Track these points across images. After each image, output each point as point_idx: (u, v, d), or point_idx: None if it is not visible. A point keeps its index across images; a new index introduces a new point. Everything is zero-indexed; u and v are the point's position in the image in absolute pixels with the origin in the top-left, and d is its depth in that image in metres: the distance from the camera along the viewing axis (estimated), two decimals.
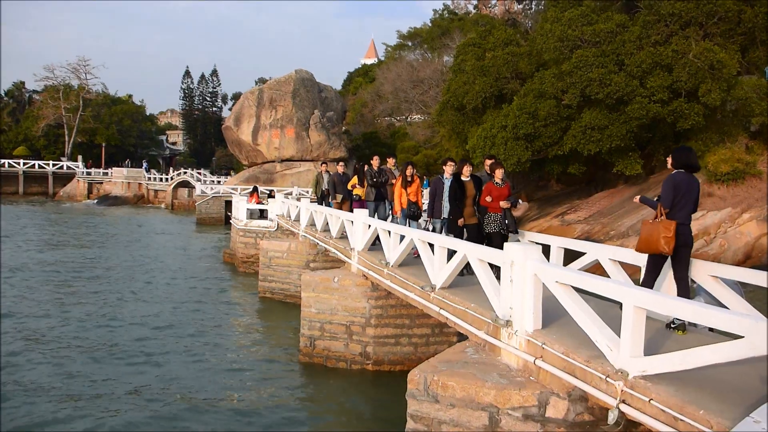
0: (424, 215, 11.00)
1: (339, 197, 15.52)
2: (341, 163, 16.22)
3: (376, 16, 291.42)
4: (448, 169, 9.93)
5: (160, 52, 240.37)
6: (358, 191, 14.06)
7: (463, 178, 9.65)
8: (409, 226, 11.02)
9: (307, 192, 40.84)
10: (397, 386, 8.48)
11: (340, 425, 9.11)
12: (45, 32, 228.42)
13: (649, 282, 6.12)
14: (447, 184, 9.82)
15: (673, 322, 5.89)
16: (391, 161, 13.56)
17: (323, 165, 18.40)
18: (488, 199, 9.05)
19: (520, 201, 9.38)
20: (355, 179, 14.37)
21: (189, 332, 13.72)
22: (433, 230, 9.91)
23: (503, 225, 9.00)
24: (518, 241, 9.02)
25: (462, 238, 8.82)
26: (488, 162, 9.79)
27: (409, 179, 11.46)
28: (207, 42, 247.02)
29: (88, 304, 16.04)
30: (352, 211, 13.12)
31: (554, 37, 26.55)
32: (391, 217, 12.91)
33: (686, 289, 5.99)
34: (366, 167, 13.79)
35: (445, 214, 9.79)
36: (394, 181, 12.62)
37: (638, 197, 6.76)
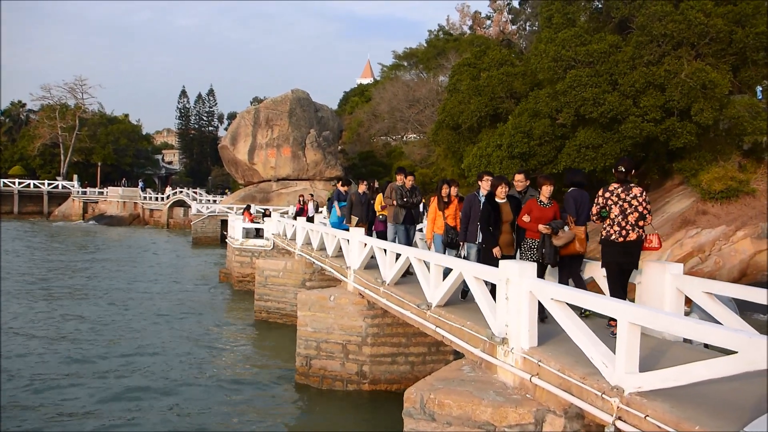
0: None
1: (354, 220, 13.01)
2: (363, 182, 13.82)
3: (376, 38, 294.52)
4: (485, 185, 8.43)
5: (160, 73, 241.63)
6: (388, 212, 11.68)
7: (497, 199, 7.81)
8: (447, 254, 9.33)
9: None
10: (393, 405, 8.46)
11: None
12: (45, 52, 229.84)
13: (565, 280, 7.40)
14: (483, 202, 8.26)
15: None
16: (401, 178, 11.52)
17: (338, 183, 16.29)
18: (525, 218, 7.40)
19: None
20: (380, 198, 12.30)
21: (184, 351, 13.66)
22: (467, 256, 8.51)
23: (539, 254, 7.29)
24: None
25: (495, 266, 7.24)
26: (519, 177, 8.41)
27: (446, 200, 9.76)
28: (207, 63, 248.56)
29: (80, 324, 15.96)
30: (371, 235, 12.14)
31: (548, 57, 26.80)
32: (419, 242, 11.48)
33: (583, 284, 7.39)
34: (393, 184, 11.63)
35: (480, 238, 8.17)
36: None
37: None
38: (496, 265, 6.96)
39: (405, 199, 11.09)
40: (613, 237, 6.50)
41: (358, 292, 11.02)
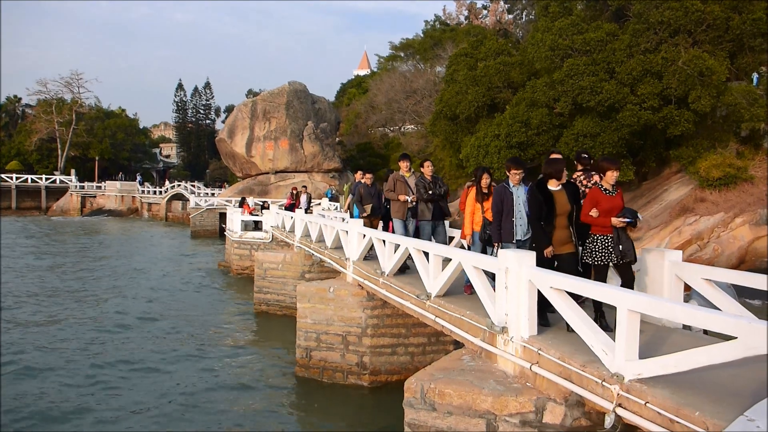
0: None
1: (368, 208, 12.12)
2: (368, 174, 12.62)
3: (373, 31, 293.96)
4: (514, 178, 7.08)
5: (157, 67, 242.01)
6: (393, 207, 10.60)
7: (551, 187, 6.53)
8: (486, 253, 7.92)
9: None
10: (394, 396, 8.48)
11: None
12: (42, 49, 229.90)
13: None
14: (516, 193, 7.09)
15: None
16: (405, 165, 10.50)
17: (358, 173, 14.24)
18: (593, 213, 6.14)
19: (640, 217, 6.29)
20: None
21: (184, 345, 13.68)
22: None
23: (616, 253, 6.08)
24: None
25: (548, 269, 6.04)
26: (554, 155, 7.17)
27: (486, 190, 8.29)
28: (203, 57, 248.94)
29: (80, 319, 15.96)
30: (386, 229, 11.41)
31: (545, 46, 26.72)
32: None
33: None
34: (396, 174, 10.59)
35: (519, 236, 7.00)
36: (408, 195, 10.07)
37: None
38: (548, 267, 6.12)
39: (430, 192, 9.67)
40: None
41: (358, 283, 11.02)
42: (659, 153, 27.00)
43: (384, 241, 10.06)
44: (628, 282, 6.11)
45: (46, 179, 64.89)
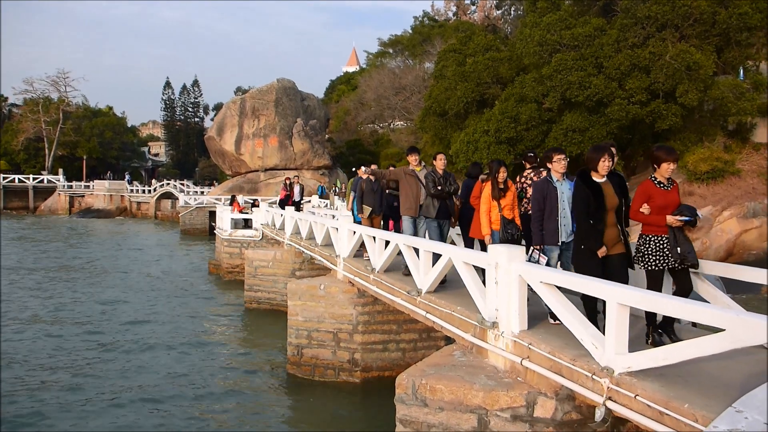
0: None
1: (367, 210, 11.24)
2: (373, 166, 11.67)
3: (363, 27, 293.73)
4: (557, 167, 6.38)
5: (145, 65, 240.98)
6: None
7: (596, 179, 5.69)
8: None
9: None
10: (385, 392, 8.48)
11: None
12: (32, 48, 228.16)
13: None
14: (560, 189, 6.33)
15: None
16: (414, 158, 9.67)
17: (359, 168, 12.82)
18: (645, 209, 5.40)
19: (699, 214, 5.49)
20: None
21: (175, 344, 13.62)
22: (548, 265, 6.20)
23: (674, 255, 5.31)
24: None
25: (598, 275, 5.25)
26: (610, 144, 6.16)
27: (502, 186, 7.66)
28: (192, 55, 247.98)
29: (70, 316, 15.86)
30: (391, 228, 11.09)
31: (533, 41, 26.77)
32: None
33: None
34: (405, 168, 9.74)
35: (563, 238, 6.28)
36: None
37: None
38: (595, 271, 5.39)
39: (439, 188, 8.90)
40: (530, 212, 7.09)
41: (348, 280, 11.00)
42: (647, 147, 27.12)
43: (374, 238, 10.05)
44: (685, 291, 5.39)
45: (34, 179, 64.34)
